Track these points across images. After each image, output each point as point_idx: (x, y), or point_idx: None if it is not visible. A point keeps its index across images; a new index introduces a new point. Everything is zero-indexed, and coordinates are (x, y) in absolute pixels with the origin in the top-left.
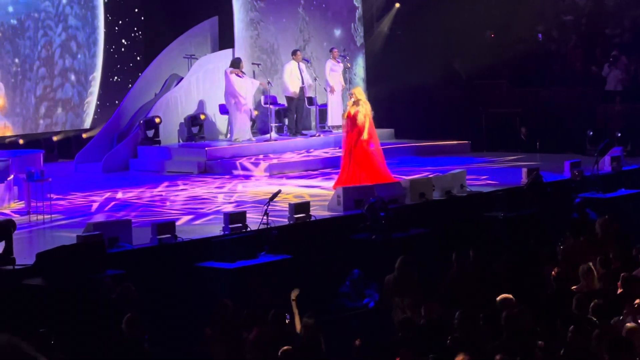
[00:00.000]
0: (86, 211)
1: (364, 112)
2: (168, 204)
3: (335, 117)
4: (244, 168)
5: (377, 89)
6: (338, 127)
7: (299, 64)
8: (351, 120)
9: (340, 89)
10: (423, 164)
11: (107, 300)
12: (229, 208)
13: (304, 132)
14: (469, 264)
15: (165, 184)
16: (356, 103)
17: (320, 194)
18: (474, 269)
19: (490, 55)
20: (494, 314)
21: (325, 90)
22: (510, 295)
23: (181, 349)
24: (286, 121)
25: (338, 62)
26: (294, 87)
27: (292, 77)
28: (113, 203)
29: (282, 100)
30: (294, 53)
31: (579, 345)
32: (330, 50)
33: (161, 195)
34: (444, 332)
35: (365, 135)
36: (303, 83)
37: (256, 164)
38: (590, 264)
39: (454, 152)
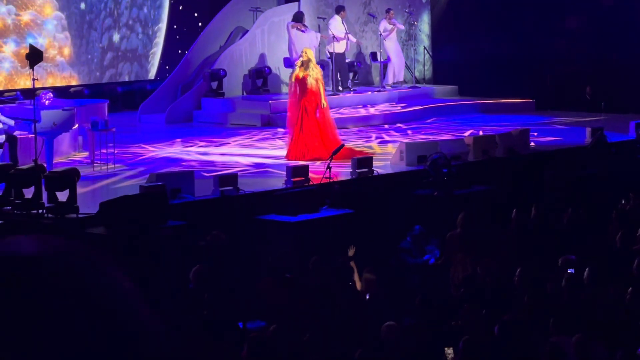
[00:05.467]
0: (149, 161)
1: (315, 75)
2: (213, 157)
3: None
4: None
5: (442, 46)
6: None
7: (343, 20)
8: (300, 83)
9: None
10: (487, 121)
11: (195, 247)
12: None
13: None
14: (530, 221)
15: (235, 138)
16: (305, 65)
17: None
18: (534, 226)
19: (557, 15)
20: (553, 273)
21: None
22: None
23: (241, 300)
24: (338, 76)
25: (394, 22)
26: (341, 44)
27: (339, 34)
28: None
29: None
30: (341, 9)
31: (636, 307)
32: (387, 11)
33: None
34: (504, 290)
35: (324, 103)
36: (347, 41)
37: None
38: None
39: (519, 110)
